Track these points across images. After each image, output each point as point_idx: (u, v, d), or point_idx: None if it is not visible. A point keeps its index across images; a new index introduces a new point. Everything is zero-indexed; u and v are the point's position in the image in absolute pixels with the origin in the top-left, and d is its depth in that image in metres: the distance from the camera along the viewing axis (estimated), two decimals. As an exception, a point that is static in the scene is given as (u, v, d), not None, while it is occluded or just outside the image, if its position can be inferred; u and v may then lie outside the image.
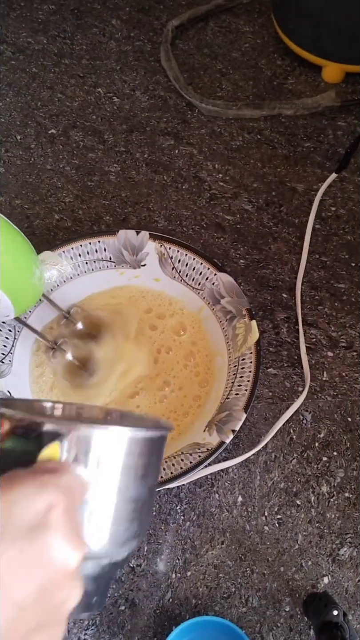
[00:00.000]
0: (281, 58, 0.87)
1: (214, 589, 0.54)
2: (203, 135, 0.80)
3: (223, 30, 0.91)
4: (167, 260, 0.64)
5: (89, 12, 0.93)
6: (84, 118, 0.82)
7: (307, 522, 0.56)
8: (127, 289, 0.65)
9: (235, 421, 0.54)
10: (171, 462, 0.54)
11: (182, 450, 0.55)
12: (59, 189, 0.76)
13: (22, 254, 0.49)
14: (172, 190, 0.75)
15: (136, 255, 0.64)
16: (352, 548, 0.55)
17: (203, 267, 0.63)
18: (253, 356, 0.57)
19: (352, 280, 0.68)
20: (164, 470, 0.53)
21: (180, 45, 0.89)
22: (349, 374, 0.63)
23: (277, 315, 0.66)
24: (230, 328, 0.60)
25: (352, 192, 0.74)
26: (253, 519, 0.56)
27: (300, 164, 0.77)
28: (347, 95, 0.82)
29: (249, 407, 0.55)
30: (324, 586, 0.54)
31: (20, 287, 0.49)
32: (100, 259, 0.65)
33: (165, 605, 0.53)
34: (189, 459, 0.53)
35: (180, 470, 0.53)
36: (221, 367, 0.60)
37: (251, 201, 0.74)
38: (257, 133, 0.80)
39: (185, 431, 0.58)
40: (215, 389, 0.59)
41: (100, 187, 0.76)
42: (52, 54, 0.88)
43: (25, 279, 0.49)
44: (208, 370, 0.61)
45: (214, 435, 0.54)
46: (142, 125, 0.81)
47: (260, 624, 0.53)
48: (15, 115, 0.82)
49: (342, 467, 0.59)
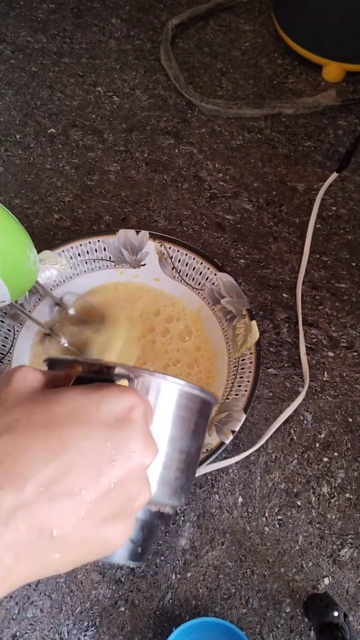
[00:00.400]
0: (281, 57, 0.87)
1: (214, 590, 0.54)
2: (203, 134, 0.80)
3: (223, 29, 0.90)
4: (167, 260, 0.64)
5: (88, 11, 0.93)
6: (84, 117, 0.82)
7: (307, 523, 0.56)
8: (129, 284, 0.65)
9: (234, 422, 0.54)
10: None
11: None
12: (58, 188, 0.76)
13: (16, 237, 0.48)
14: (172, 190, 0.75)
15: (136, 254, 0.64)
16: (352, 549, 0.55)
17: (203, 267, 0.62)
18: (253, 356, 0.57)
19: (352, 280, 0.68)
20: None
21: (180, 44, 0.89)
22: (350, 374, 0.63)
23: (278, 315, 0.66)
24: (230, 328, 0.60)
25: (353, 192, 0.74)
26: (253, 519, 0.56)
27: (300, 163, 0.77)
28: (347, 94, 0.82)
29: (248, 407, 0.55)
30: (325, 587, 0.54)
31: (15, 272, 0.48)
32: (99, 258, 0.64)
33: (165, 606, 0.53)
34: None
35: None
36: (221, 367, 0.60)
37: (251, 201, 0.74)
38: (258, 132, 0.80)
39: None
40: (215, 390, 0.59)
41: (99, 186, 0.76)
42: (51, 52, 0.88)
43: (20, 262, 0.49)
44: (209, 372, 0.61)
45: (214, 435, 0.54)
46: (141, 125, 0.81)
47: (260, 625, 0.52)
48: (14, 115, 0.82)
49: (342, 467, 0.58)
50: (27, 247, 0.49)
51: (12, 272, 0.48)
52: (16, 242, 0.48)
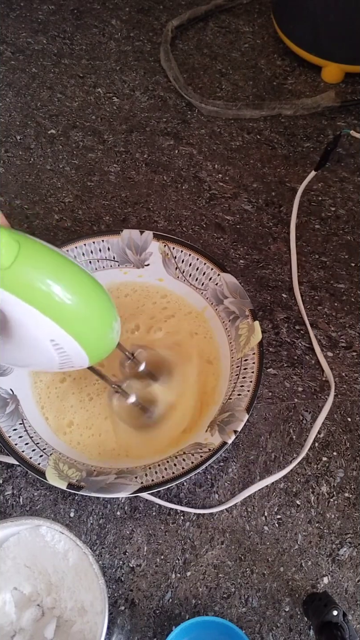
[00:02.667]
0: (281, 58, 0.87)
1: (214, 589, 0.54)
2: (203, 135, 0.80)
3: (223, 31, 0.91)
4: (170, 260, 0.64)
5: (88, 12, 0.93)
6: (84, 118, 0.82)
7: (306, 522, 0.56)
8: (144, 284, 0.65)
9: (237, 422, 0.54)
10: (172, 462, 0.54)
11: (184, 450, 0.55)
12: (58, 189, 0.76)
13: (105, 309, 0.46)
14: (171, 191, 0.75)
15: (140, 255, 0.64)
16: (352, 548, 0.55)
17: (207, 267, 0.63)
18: (256, 357, 0.57)
19: (351, 281, 0.68)
20: (166, 470, 0.53)
21: (180, 45, 0.89)
22: (349, 374, 0.63)
23: (277, 315, 0.66)
24: (233, 329, 0.60)
25: (352, 192, 0.74)
26: (253, 519, 0.56)
27: (300, 164, 0.77)
28: (346, 95, 0.82)
29: (251, 407, 0.55)
30: (324, 586, 0.54)
31: (98, 342, 0.46)
32: (103, 258, 0.65)
33: (165, 605, 0.53)
34: (190, 459, 0.53)
35: (182, 470, 0.53)
36: (224, 367, 0.60)
37: (251, 201, 0.74)
38: (257, 133, 0.80)
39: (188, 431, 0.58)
40: (217, 390, 0.59)
41: (100, 187, 0.76)
42: (51, 54, 0.88)
43: (105, 334, 0.46)
44: (212, 372, 0.61)
45: (216, 435, 0.54)
46: (141, 126, 0.81)
47: (260, 624, 0.53)
48: (15, 116, 0.82)
49: (342, 467, 0.59)
50: (113, 319, 0.47)
51: (95, 342, 0.46)
52: (105, 314, 0.46)
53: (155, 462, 0.55)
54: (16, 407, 0.58)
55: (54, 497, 0.58)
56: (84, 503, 0.57)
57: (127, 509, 0.57)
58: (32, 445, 0.56)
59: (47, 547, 0.51)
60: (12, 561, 0.52)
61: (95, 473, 0.54)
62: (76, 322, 0.42)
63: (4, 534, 0.51)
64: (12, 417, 0.57)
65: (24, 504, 0.57)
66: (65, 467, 0.54)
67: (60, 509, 0.57)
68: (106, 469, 0.55)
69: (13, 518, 0.51)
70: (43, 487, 0.58)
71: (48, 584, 0.51)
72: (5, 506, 0.57)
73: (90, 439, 0.58)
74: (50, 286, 0.40)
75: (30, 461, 0.54)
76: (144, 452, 0.57)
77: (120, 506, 0.57)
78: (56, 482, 0.52)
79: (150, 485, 0.52)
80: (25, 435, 0.56)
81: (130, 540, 0.56)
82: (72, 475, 0.53)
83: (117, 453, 0.57)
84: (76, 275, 0.42)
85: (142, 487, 0.52)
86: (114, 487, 0.52)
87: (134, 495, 0.52)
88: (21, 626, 0.50)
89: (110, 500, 0.57)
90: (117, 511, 0.57)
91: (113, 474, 0.54)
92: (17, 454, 0.54)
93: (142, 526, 0.56)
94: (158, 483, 0.52)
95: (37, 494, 0.58)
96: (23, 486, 0.58)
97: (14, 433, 0.56)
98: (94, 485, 0.52)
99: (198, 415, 0.59)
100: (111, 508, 0.57)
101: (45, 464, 0.54)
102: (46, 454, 0.55)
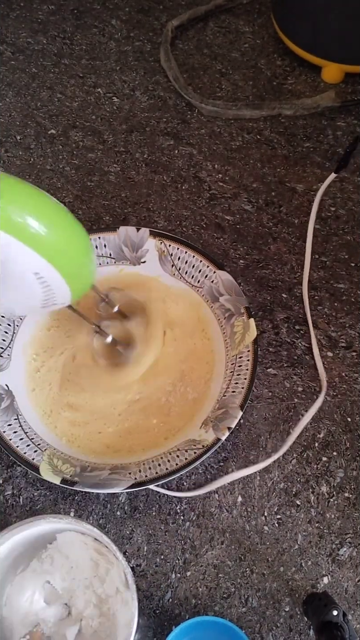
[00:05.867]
0: (281, 58, 0.87)
1: (214, 589, 0.54)
2: (203, 135, 0.80)
3: (223, 31, 0.91)
4: (166, 257, 0.64)
5: (88, 13, 0.93)
6: (84, 118, 0.82)
7: (306, 522, 0.56)
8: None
9: (231, 418, 0.54)
10: (166, 459, 0.54)
11: (177, 447, 0.55)
12: (58, 189, 0.76)
13: (81, 239, 0.48)
14: (171, 191, 0.75)
15: (136, 252, 0.64)
16: (351, 548, 0.55)
17: (202, 264, 0.63)
18: (250, 354, 0.57)
19: (351, 281, 0.68)
20: (159, 466, 0.53)
21: (180, 45, 0.89)
22: (349, 374, 0.63)
23: (277, 315, 0.66)
24: (228, 326, 0.60)
25: (352, 192, 0.74)
26: (253, 519, 0.56)
27: (299, 164, 0.77)
28: (346, 95, 0.82)
29: (245, 404, 0.55)
30: (324, 586, 0.54)
31: (79, 274, 0.48)
32: (100, 255, 0.65)
33: (165, 605, 0.53)
34: (184, 455, 0.54)
35: (176, 466, 0.53)
36: (219, 364, 0.60)
37: (251, 201, 0.74)
38: (257, 133, 0.80)
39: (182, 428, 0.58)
40: (212, 387, 0.59)
41: (100, 187, 0.76)
42: (51, 54, 0.88)
43: (84, 265, 0.48)
44: (206, 369, 0.61)
45: (210, 432, 0.54)
46: (141, 126, 0.81)
47: (260, 624, 0.53)
48: (14, 116, 0.82)
49: (341, 467, 0.59)
50: (90, 249, 0.49)
51: (76, 274, 0.47)
52: (81, 244, 0.47)
53: (149, 458, 0.55)
54: (11, 402, 0.58)
55: (54, 497, 0.58)
56: (84, 503, 0.57)
57: (127, 509, 0.57)
58: (27, 441, 0.56)
59: (91, 556, 0.52)
60: (59, 554, 0.52)
61: (89, 469, 0.54)
62: (56, 252, 0.44)
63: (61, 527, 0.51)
64: (7, 413, 0.57)
65: (24, 504, 0.57)
66: (59, 462, 0.54)
67: (61, 508, 0.57)
68: (100, 465, 0.55)
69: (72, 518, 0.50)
70: (43, 487, 0.58)
71: (81, 588, 0.51)
72: (5, 506, 0.57)
73: (85, 435, 0.58)
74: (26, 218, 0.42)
75: (25, 456, 0.54)
76: (140, 438, 0.58)
77: (120, 506, 0.57)
78: (50, 477, 0.52)
79: (144, 481, 0.52)
80: (20, 430, 0.56)
81: (130, 540, 0.56)
82: (66, 471, 0.53)
83: (112, 449, 0.58)
84: (51, 207, 0.45)
85: (136, 482, 0.52)
86: (107, 483, 0.52)
87: (127, 490, 0.52)
88: (44, 619, 0.50)
89: (110, 500, 0.57)
90: (117, 511, 0.57)
91: (107, 469, 0.54)
92: (11, 449, 0.55)
93: (142, 526, 0.56)
94: (152, 479, 0.52)
95: (37, 493, 0.58)
96: (23, 486, 0.58)
97: (9, 428, 0.56)
98: (88, 481, 0.52)
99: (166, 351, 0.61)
100: (111, 508, 0.57)
101: (39, 460, 0.54)
102: (41, 450, 0.55)
